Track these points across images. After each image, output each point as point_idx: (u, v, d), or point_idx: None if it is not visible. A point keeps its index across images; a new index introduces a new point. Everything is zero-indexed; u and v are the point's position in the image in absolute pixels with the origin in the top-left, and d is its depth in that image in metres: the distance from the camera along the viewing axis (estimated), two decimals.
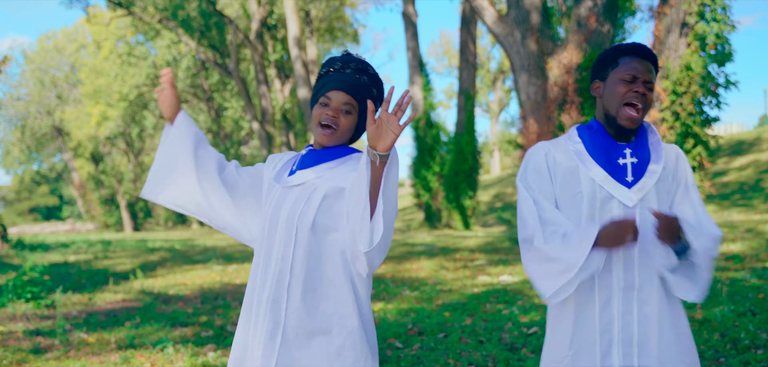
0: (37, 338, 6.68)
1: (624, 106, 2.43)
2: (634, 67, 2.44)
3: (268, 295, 2.38)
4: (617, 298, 2.40)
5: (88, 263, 14.80)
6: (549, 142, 2.57)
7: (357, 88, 2.43)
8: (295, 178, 2.46)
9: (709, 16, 11.76)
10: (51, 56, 43.70)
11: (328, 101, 2.42)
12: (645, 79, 2.43)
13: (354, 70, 2.45)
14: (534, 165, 2.53)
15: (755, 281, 7.64)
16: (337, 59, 2.49)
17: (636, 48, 2.47)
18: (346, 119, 2.43)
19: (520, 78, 14.07)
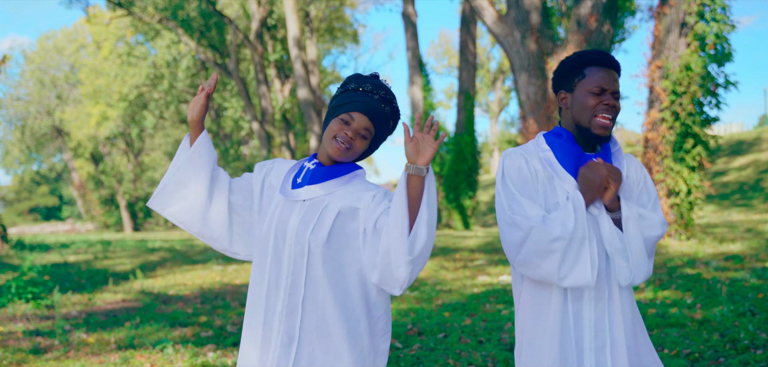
0: (37, 338, 6.68)
1: (594, 117, 2.42)
2: (601, 79, 2.42)
3: (281, 309, 2.41)
4: (588, 307, 2.39)
5: (88, 263, 14.80)
6: (520, 149, 2.52)
7: (379, 116, 2.47)
8: (302, 193, 2.48)
9: (709, 16, 11.76)
10: (51, 56, 43.70)
11: (351, 120, 2.44)
12: (613, 90, 2.43)
13: (381, 99, 2.49)
14: (515, 170, 2.46)
15: (755, 281, 7.64)
16: (367, 81, 2.50)
17: (601, 58, 2.45)
18: (362, 143, 2.47)
19: (520, 78, 14.08)
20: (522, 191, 2.43)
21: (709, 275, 8.33)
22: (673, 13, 12.08)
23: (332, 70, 38.72)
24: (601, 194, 2.36)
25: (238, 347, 6.15)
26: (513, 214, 2.38)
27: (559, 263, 2.31)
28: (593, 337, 2.38)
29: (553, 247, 2.30)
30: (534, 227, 2.32)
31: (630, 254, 2.37)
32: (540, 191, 2.44)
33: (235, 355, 5.83)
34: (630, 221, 2.37)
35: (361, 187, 2.47)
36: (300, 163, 2.60)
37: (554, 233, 2.30)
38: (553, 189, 2.44)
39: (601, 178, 2.34)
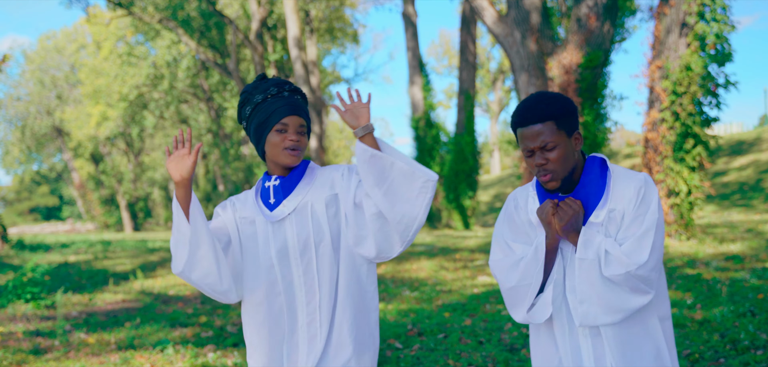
0: (37, 338, 6.68)
1: (537, 176, 2.40)
2: (523, 141, 2.36)
3: (302, 322, 2.50)
4: (585, 342, 2.39)
5: (88, 263, 14.80)
6: (519, 190, 2.58)
7: (301, 108, 2.56)
8: (282, 210, 2.54)
9: (709, 16, 11.76)
10: (51, 56, 43.71)
11: (285, 127, 2.51)
12: (538, 147, 2.32)
13: (291, 92, 2.57)
14: (506, 214, 2.56)
15: (755, 282, 7.64)
16: (270, 84, 2.56)
17: (517, 119, 2.37)
18: (304, 139, 2.55)
19: (520, 78, 14.08)
20: (508, 236, 2.53)
21: (710, 276, 8.33)
22: (674, 13, 12.08)
23: (332, 70, 38.74)
24: (555, 231, 2.36)
25: (237, 348, 6.14)
26: (491, 258, 2.55)
27: (509, 305, 2.50)
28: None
29: (507, 293, 2.48)
30: (497, 278, 2.50)
31: (579, 295, 2.33)
32: (527, 231, 2.50)
33: (235, 355, 5.83)
34: (583, 263, 2.31)
35: (325, 174, 2.58)
36: (258, 187, 2.63)
37: (508, 283, 2.45)
38: (534, 231, 2.47)
39: (547, 217, 2.36)
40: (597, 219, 2.36)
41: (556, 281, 2.39)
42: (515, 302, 2.45)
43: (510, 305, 2.49)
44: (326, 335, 2.47)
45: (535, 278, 2.38)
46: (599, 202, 2.37)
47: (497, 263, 2.50)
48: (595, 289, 2.30)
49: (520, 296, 2.43)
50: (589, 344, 2.38)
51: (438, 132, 22.52)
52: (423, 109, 22.54)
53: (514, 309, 2.47)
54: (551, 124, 2.32)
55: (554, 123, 2.33)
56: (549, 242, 2.37)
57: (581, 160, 2.44)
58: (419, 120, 22.48)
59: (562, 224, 2.33)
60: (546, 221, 2.37)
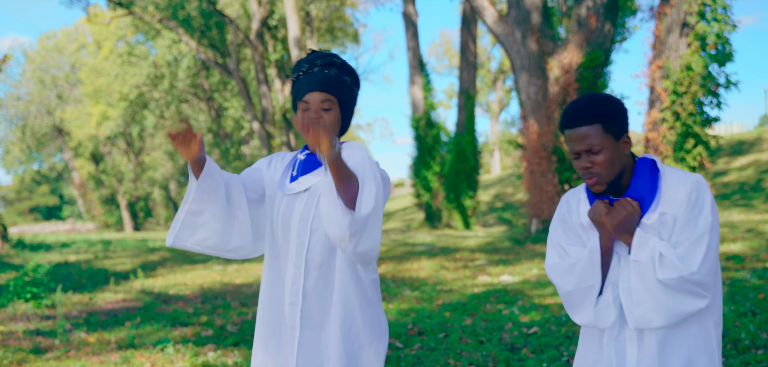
0: (38, 338, 6.68)
1: (583, 179, 2.36)
2: (570, 143, 2.33)
3: (285, 301, 2.49)
4: (631, 348, 2.38)
5: (89, 262, 14.80)
6: (571, 192, 2.55)
7: (329, 83, 2.47)
8: (298, 185, 2.52)
9: (710, 16, 11.77)
10: (51, 56, 43.72)
11: (307, 105, 2.46)
12: (584, 149, 2.29)
13: (322, 66, 2.49)
14: (558, 218, 2.53)
15: (756, 281, 7.64)
16: (303, 61, 2.53)
17: (564, 121, 2.33)
18: (329, 116, 2.47)
19: (521, 78, 14.08)
20: (562, 239, 2.49)
21: None
22: (674, 13, 12.08)
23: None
24: (608, 232, 2.33)
25: (238, 347, 6.15)
26: (546, 263, 2.51)
27: (569, 309, 2.46)
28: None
29: (565, 297, 2.44)
30: (554, 282, 2.46)
31: (634, 297, 2.30)
32: (580, 233, 2.47)
33: (236, 355, 5.84)
34: (637, 265, 2.28)
35: (351, 163, 2.49)
36: (294, 156, 2.64)
37: (565, 287, 2.41)
38: (587, 233, 2.44)
39: (600, 218, 2.32)
40: (649, 222, 2.32)
41: (613, 282, 2.36)
42: (575, 305, 2.42)
43: (570, 309, 2.45)
44: (300, 323, 2.45)
45: (594, 280, 2.35)
46: (650, 205, 2.33)
47: (553, 267, 2.47)
48: (650, 291, 2.26)
49: (579, 299, 2.39)
50: (635, 348, 2.35)
51: (438, 132, 22.52)
52: (423, 108, 22.54)
53: (574, 312, 2.44)
54: (598, 127, 2.28)
55: (601, 126, 2.28)
56: (603, 243, 2.34)
57: (631, 163, 2.38)
58: (420, 120, 22.47)
59: (613, 223, 2.29)
60: (598, 222, 2.33)
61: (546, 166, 13.78)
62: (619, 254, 2.37)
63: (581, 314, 2.41)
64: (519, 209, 26.51)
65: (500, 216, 26.20)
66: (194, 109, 40.93)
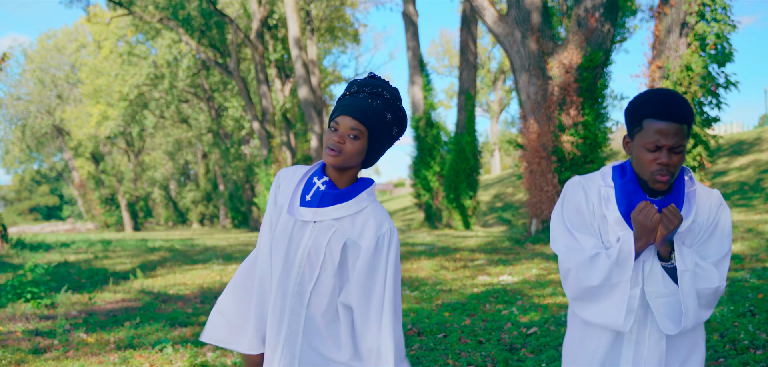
0: (37, 338, 6.68)
1: (651, 173, 2.30)
2: (657, 134, 2.25)
3: (285, 331, 2.42)
4: (627, 350, 2.39)
5: (88, 262, 14.80)
6: (585, 179, 2.49)
7: (366, 112, 2.36)
8: (310, 214, 2.42)
9: (710, 16, 11.76)
10: (51, 56, 43.73)
11: (337, 126, 2.37)
12: (671, 145, 2.25)
13: (368, 94, 2.39)
14: (572, 203, 2.47)
15: (755, 282, 7.63)
16: (355, 82, 2.44)
17: (659, 110, 2.25)
18: (353, 144, 2.35)
19: (521, 78, 14.07)
20: (576, 225, 2.45)
21: None
22: (674, 13, 12.08)
23: (333, 69, 38.73)
24: (652, 238, 2.31)
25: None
26: (560, 247, 2.46)
27: (586, 301, 2.40)
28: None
29: (585, 290, 2.38)
30: (571, 270, 2.39)
31: (682, 305, 2.32)
32: (595, 225, 2.43)
33: (235, 355, 5.83)
34: (685, 274, 2.29)
35: (367, 218, 2.43)
36: (309, 175, 2.50)
37: (589, 281, 2.35)
38: (606, 226, 2.41)
39: (653, 223, 2.28)
40: (681, 228, 2.33)
41: (635, 285, 2.35)
42: (596, 300, 2.36)
43: (587, 303, 2.39)
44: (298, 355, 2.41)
45: (624, 278, 2.32)
46: (683, 209, 2.35)
47: (570, 252, 2.40)
48: (692, 300, 2.30)
49: (605, 295, 2.34)
50: (653, 353, 2.37)
51: (438, 132, 22.52)
52: (423, 108, 22.54)
53: (592, 307, 2.38)
54: (686, 129, 2.28)
55: (688, 128, 2.28)
56: (639, 246, 2.31)
57: None
58: (420, 120, 22.47)
59: (665, 232, 2.27)
60: (650, 227, 2.28)
61: (546, 166, 13.78)
62: (646, 260, 2.35)
63: (602, 311, 2.35)
64: (519, 209, 26.50)
65: (500, 216, 26.19)
66: (194, 109, 40.91)
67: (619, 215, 2.37)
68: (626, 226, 2.36)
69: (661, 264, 2.34)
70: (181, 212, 50.86)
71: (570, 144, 13.43)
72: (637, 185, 2.37)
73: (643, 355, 2.37)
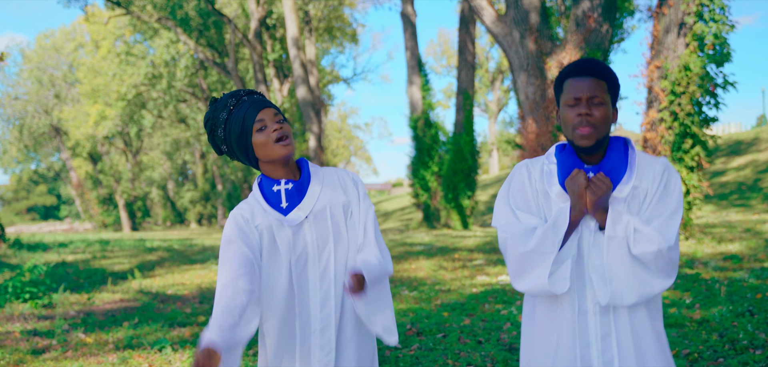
0: (35, 338, 6.67)
1: (574, 130, 2.37)
2: (575, 88, 2.36)
3: (315, 328, 2.49)
4: (594, 321, 2.38)
5: (86, 262, 14.78)
6: (530, 161, 2.56)
7: (268, 101, 2.54)
8: (299, 214, 2.51)
9: (708, 16, 11.76)
10: (49, 55, 43.67)
11: (264, 122, 2.47)
12: (589, 97, 2.34)
13: (248, 94, 2.55)
14: (517, 183, 2.53)
15: (753, 281, 7.64)
16: (224, 99, 2.54)
17: (576, 66, 2.39)
18: (286, 126, 2.50)
19: (519, 78, 14.08)
20: (519, 205, 2.49)
21: (708, 275, 8.33)
22: (672, 14, 12.08)
23: (331, 69, 38.72)
24: (584, 205, 2.34)
25: None
26: (500, 222, 2.50)
27: (517, 272, 2.44)
28: (600, 352, 2.37)
29: (520, 257, 2.42)
30: (507, 239, 2.43)
31: (607, 274, 2.32)
32: (539, 203, 2.47)
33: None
34: (612, 241, 2.30)
35: (333, 176, 2.61)
36: (259, 193, 2.55)
37: (524, 246, 2.39)
38: (548, 203, 2.45)
39: (580, 188, 2.33)
40: (621, 194, 2.37)
41: (574, 257, 2.37)
42: (529, 268, 2.39)
43: (520, 272, 2.42)
44: (336, 342, 2.50)
45: (553, 247, 2.34)
46: (623, 177, 2.39)
47: (508, 226, 2.45)
48: (624, 267, 2.30)
49: (536, 262, 2.37)
50: (598, 324, 2.37)
51: (437, 132, 22.52)
52: (422, 108, 22.54)
53: (524, 276, 2.41)
54: (603, 84, 2.38)
55: (607, 84, 2.39)
56: (575, 215, 2.35)
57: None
58: (418, 120, 22.47)
59: (594, 198, 2.32)
60: (577, 193, 2.34)
61: None
62: (587, 230, 2.38)
63: (532, 278, 2.38)
64: None
65: None
66: (192, 109, 40.88)
67: (560, 189, 2.42)
68: (568, 198, 2.40)
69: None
70: (179, 212, 50.83)
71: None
72: (575, 156, 2.44)
73: (591, 327, 2.38)
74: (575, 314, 2.39)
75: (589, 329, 2.37)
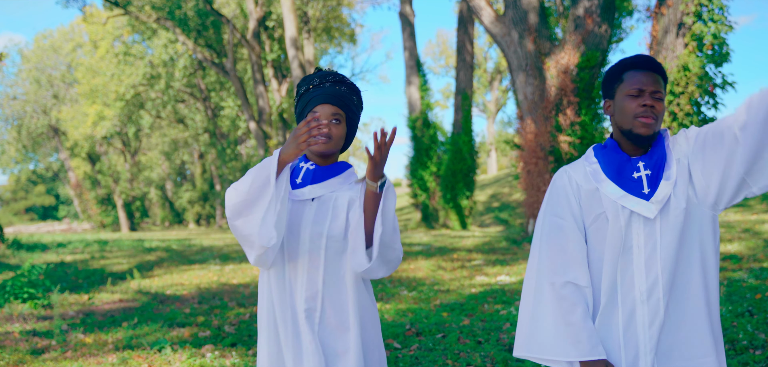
0: (35, 338, 6.66)
1: (635, 119, 2.40)
2: (639, 81, 2.41)
3: (304, 307, 2.49)
4: (641, 310, 2.37)
5: (85, 263, 14.77)
6: (569, 166, 2.56)
7: (339, 98, 2.56)
8: (307, 192, 2.56)
9: (707, 16, 11.78)
10: (47, 55, 43.60)
11: (317, 115, 2.52)
12: (652, 90, 2.40)
13: (333, 83, 2.59)
14: (559, 190, 2.52)
15: (753, 282, 7.65)
16: (314, 76, 2.62)
17: (639, 60, 2.44)
18: (337, 128, 2.55)
19: (518, 78, 14.08)
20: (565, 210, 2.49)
21: None
22: (671, 14, 12.09)
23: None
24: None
25: (236, 348, 6.14)
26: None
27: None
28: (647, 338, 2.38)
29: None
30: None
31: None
32: (582, 204, 2.47)
33: (233, 355, 5.83)
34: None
35: (352, 176, 2.62)
36: (296, 164, 2.65)
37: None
38: (597, 200, 2.44)
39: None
40: (671, 174, 2.39)
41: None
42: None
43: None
44: (317, 329, 2.47)
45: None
46: (667, 161, 2.43)
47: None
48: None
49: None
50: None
51: (435, 132, 22.52)
52: (420, 109, 22.53)
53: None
54: (661, 81, 2.46)
55: (664, 83, 2.47)
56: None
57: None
58: (416, 120, 22.47)
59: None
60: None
61: (543, 166, 13.78)
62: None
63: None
64: (516, 209, 26.53)
65: (497, 216, 26.20)
66: (191, 109, 40.86)
67: (606, 179, 2.45)
68: (618, 188, 2.42)
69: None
70: (177, 212, 50.78)
71: (567, 144, 13.44)
72: (619, 150, 2.48)
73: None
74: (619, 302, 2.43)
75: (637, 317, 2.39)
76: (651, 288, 2.35)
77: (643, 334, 2.35)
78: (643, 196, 2.38)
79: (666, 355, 2.36)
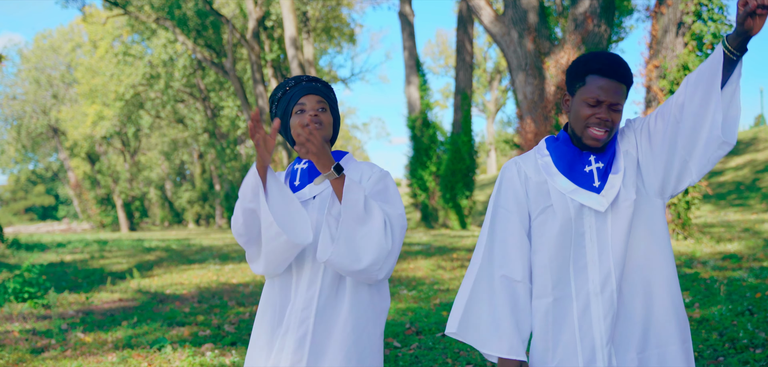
0: (34, 338, 6.66)
1: (587, 128, 2.35)
2: (599, 89, 2.31)
3: (301, 306, 2.46)
4: (595, 303, 2.35)
5: (85, 262, 14.77)
6: (519, 158, 2.54)
7: (319, 90, 2.57)
8: (306, 192, 2.54)
9: (706, 15, 11.77)
10: (47, 55, 43.60)
11: (303, 107, 2.52)
12: (610, 102, 2.31)
13: (308, 81, 2.59)
14: (508, 182, 2.49)
15: (753, 281, 7.65)
16: (288, 80, 2.61)
17: (603, 67, 2.33)
18: (326, 116, 2.54)
19: (517, 78, 14.07)
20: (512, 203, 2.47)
21: (707, 275, 8.33)
22: (671, 13, 12.09)
23: (329, 70, 38.70)
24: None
25: (235, 347, 6.14)
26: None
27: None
28: (602, 331, 2.36)
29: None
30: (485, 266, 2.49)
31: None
32: (530, 195, 2.45)
33: (233, 354, 5.82)
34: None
35: (357, 169, 2.56)
36: (289, 168, 2.65)
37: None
38: (546, 193, 2.42)
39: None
40: (620, 166, 2.37)
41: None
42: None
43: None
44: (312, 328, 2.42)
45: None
46: (617, 153, 2.40)
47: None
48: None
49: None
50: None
51: (435, 132, 22.52)
52: (420, 108, 22.53)
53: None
54: (624, 89, 2.36)
55: (627, 89, 2.37)
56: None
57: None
58: (416, 120, 22.46)
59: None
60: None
61: None
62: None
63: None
64: None
65: None
66: (190, 109, 40.84)
67: (557, 173, 2.42)
68: (570, 182, 2.39)
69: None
70: (177, 212, 50.78)
71: None
72: (571, 144, 2.44)
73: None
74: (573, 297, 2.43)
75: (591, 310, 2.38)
76: (604, 280, 2.34)
77: (599, 326, 2.34)
78: (594, 189, 2.37)
79: (624, 346, 2.34)
